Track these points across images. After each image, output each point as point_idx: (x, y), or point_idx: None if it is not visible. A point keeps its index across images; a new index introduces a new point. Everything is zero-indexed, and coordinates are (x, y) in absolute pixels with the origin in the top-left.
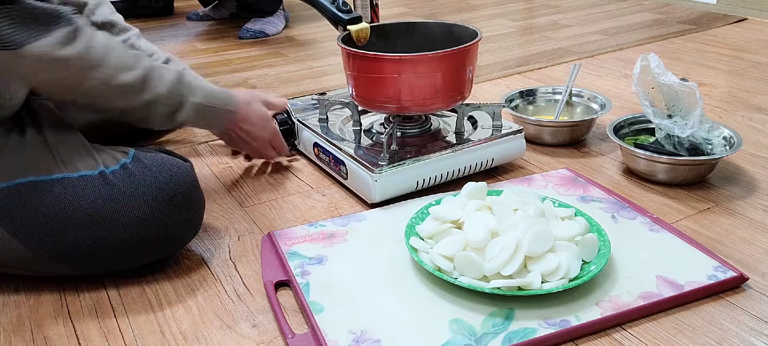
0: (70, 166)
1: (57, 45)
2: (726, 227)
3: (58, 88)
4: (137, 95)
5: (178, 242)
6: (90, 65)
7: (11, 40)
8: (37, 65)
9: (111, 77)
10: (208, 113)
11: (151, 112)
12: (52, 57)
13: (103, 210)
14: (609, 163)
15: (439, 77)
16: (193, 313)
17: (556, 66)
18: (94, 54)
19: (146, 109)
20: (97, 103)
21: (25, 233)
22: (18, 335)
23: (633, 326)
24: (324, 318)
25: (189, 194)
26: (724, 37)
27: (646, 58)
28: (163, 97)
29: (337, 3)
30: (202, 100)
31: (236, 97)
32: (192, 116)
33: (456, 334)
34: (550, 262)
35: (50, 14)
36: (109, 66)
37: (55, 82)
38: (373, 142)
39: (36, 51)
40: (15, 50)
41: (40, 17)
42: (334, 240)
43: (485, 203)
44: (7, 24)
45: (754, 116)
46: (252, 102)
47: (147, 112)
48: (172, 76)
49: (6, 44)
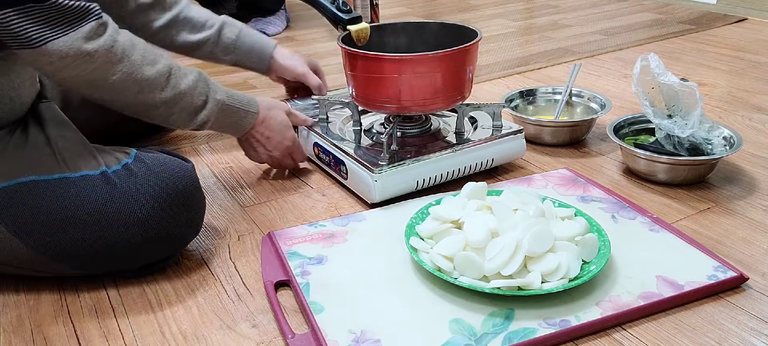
0: (71, 166)
1: (83, 39)
2: (726, 227)
3: (84, 84)
4: (161, 91)
5: (180, 242)
6: (115, 58)
7: (33, 38)
8: (62, 61)
9: (135, 71)
10: (230, 114)
11: (174, 109)
12: (79, 51)
13: (105, 210)
14: (609, 163)
15: (439, 77)
16: (193, 313)
17: (556, 66)
18: (118, 48)
19: (169, 106)
20: (121, 101)
21: (26, 232)
22: (18, 335)
23: (633, 326)
24: (324, 318)
25: (190, 194)
26: (724, 37)
27: (646, 58)
28: (186, 94)
29: (337, 3)
30: (224, 98)
31: (257, 101)
32: (214, 115)
33: (456, 334)
34: (550, 262)
35: (80, 10)
36: (134, 60)
37: (80, 77)
38: (373, 142)
39: (59, 47)
40: (37, 48)
41: (68, 14)
42: (334, 240)
43: (485, 203)
44: (30, 23)
45: (754, 116)
46: (273, 108)
47: (169, 110)
48: (193, 74)
49: (29, 42)
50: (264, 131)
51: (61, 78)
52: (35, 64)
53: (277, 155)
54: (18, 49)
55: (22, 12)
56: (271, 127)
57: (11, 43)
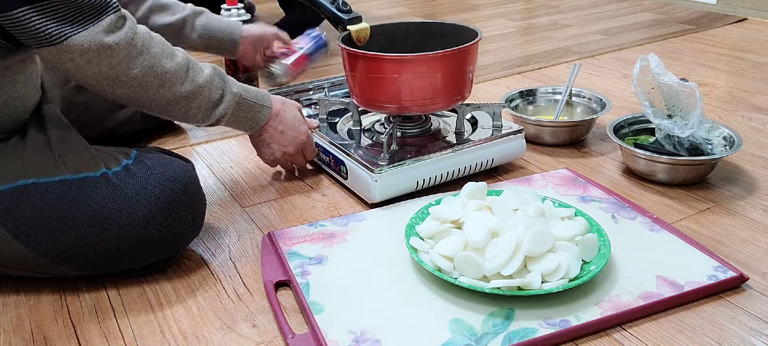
0: (71, 167)
1: (104, 32)
2: (726, 227)
3: (106, 81)
4: (181, 84)
5: (180, 242)
6: (136, 51)
7: (54, 34)
8: (84, 56)
9: (156, 63)
10: (246, 108)
11: (193, 103)
12: (100, 45)
13: (106, 211)
14: (609, 163)
15: (439, 77)
16: (193, 313)
17: (556, 66)
18: (139, 40)
19: (188, 100)
20: (142, 97)
21: (26, 234)
22: (18, 335)
23: (633, 326)
24: (324, 318)
25: (191, 194)
26: (724, 37)
27: (646, 58)
28: (205, 88)
29: (337, 3)
30: (241, 91)
31: (271, 96)
32: (231, 109)
33: (456, 334)
34: (550, 262)
35: (99, 4)
36: (154, 52)
37: (102, 73)
38: (373, 142)
39: (80, 41)
40: (58, 45)
41: (86, 8)
42: (334, 240)
43: (485, 203)
44: (49, 19)
45: (754, 116)
46: (286, 103)
47: (189, 105)
48: (209, 68)
49: (49, 39)
50: (278, 126)
51: (83, 76)
52: (57, 62)
53: (291, 150)
54: (38, 49)
55: (41, 8)
56: (285, 121)
57: (30, 42)
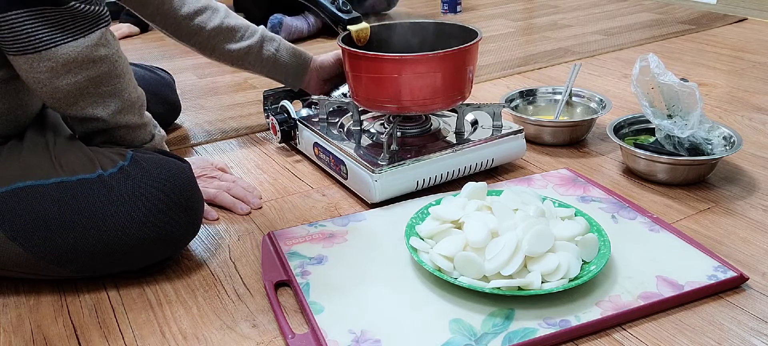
0: (68, 169)
1: (94, 45)
2: (726, 227)
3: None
4: (133, 115)
5: (178, 243)
6: (116, 72)
7: (44, 40)
8: (66, 66)
9: (125, 89)
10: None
11: (133, 134)
12: (87, 57)
13: (103, 213)
14: (609, 163)
15: (439, 77)
16: (193, 313)
17: (556, 66)
18: (122, 63)
19: (130, 130)
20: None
21: (24, 236)
22: (18, 335)
23: (633, 326)
24: (324, 318)
25: (188, 194)
26: (724, 37)
27: (645, 58)
28: (148, 125)
29: (337, 3)
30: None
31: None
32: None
33: (456, 334)
34: (550, 262)
35: (93, 16)
36: (128, 80)
37: (77, 83)
38: (373, 142)
39: (68, 51)
40: (41, 52)
41: (81, 19)
42: (334, 240)
43: (485, 203)
44: (42, 25)
45: (754, 116)
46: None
47: (129, 134)
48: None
49: (35, 45)
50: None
51: (53, 87)
52: (31, 70)
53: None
54: (14, 55)
55: (36, 13)
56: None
57: (12, 47)
